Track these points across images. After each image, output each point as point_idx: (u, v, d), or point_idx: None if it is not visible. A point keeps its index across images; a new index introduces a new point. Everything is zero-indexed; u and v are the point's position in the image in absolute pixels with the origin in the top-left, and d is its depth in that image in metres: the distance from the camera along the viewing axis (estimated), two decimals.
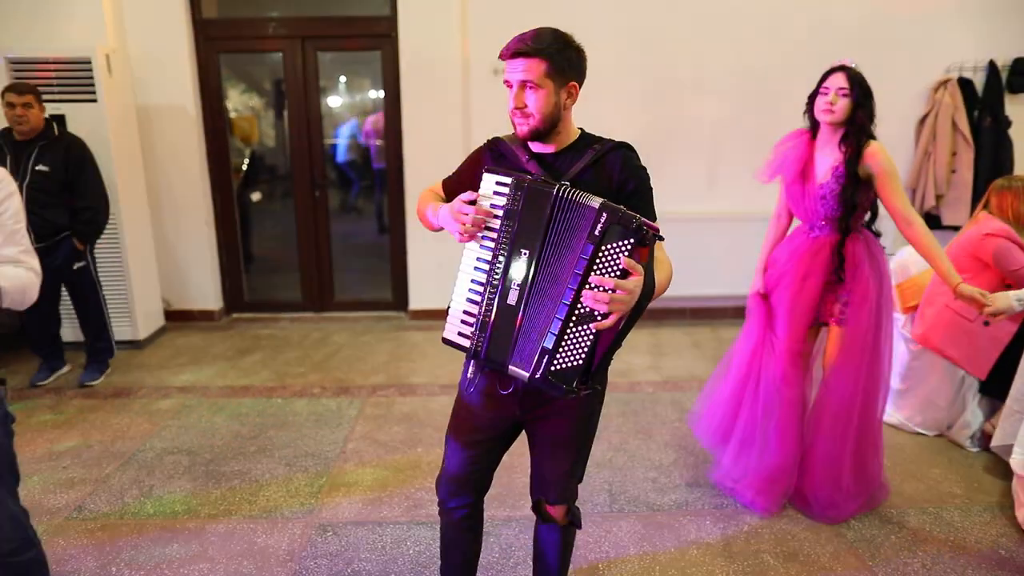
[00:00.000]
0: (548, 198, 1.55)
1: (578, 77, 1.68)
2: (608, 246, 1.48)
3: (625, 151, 1.69)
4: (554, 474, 1.83)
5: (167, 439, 3.43)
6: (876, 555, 2.53)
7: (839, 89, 2.53)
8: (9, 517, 1.77)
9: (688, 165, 5.08)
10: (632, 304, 1.50)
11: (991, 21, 4.83)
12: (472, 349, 1.64)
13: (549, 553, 1.98)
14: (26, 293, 1.74)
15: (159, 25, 4.77)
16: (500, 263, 1.60)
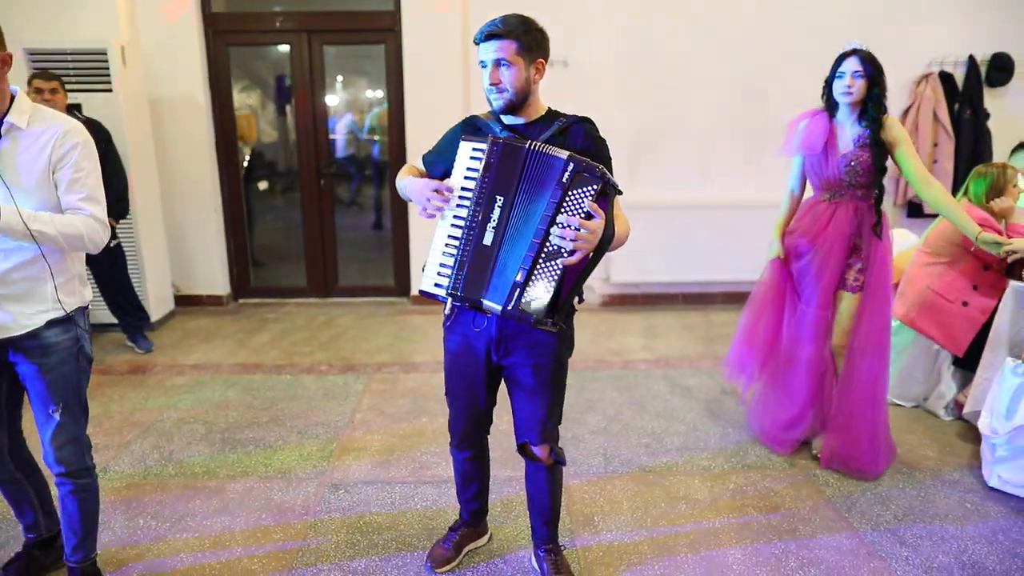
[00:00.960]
0: (521, 151, 1.78)
1: (543, 55, 1.89)
2: (574, 191, 1.72)
3: (587, 124, 1.92)
4: (533, 417, 2.04)
5: (183, 410, 3.61)
6: (852, 509, 2.72)
7: (854, 72, 2.76)
8: (77, 441, 2.06)
9: (681, 155, 5.26)
10: (595, 243, 1.73)
11: (970, 17, 5.03)
12: (449, 288, 1.85)
13: (541, 493, 2.17)
14: (84, 240, 1.89)
15: (170, 17, 4.94)
16: (479, 209, 1.81)
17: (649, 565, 2.39)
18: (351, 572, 2.35)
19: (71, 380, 2.01)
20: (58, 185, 1.89)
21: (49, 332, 1.95)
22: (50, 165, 1.86)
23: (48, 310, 1.95)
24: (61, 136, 1.87)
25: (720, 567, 2.38)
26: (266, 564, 2.40)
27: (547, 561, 2.24)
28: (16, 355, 1.96)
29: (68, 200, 1.90)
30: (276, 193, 6.16)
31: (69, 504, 2.10)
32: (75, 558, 2.16)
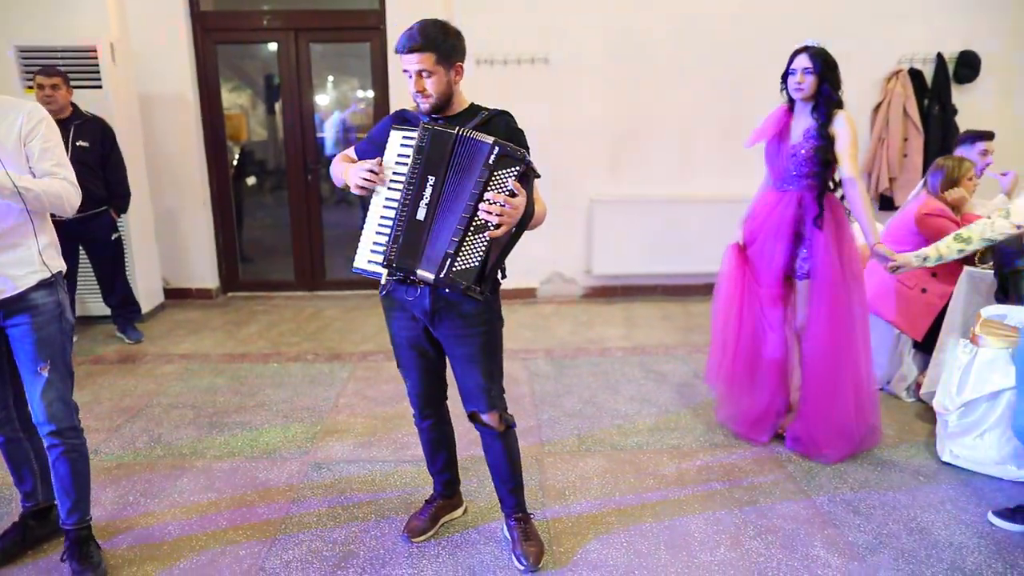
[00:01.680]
0: (451, 136, 1.95)
1: (461, 58, 2.06)
2: (499, 172, 1.89)
3: (507, 116, 2.09)
4: (475, 386, 2.18)
5: (172, 396, 3.72)
6: (811, 482, 2.86)
7: (804, 69, 2.87)
8: (65, 400, 2.20)
9: (661, 151, 5.40)
10: (517, 219, 1.91)
11: (939, 17, 5.19)
12: (384, 260, 2.00)
13: (500, 460, 2.30)
14: (63, 200, 2.12)
15: (159, 17, 5.05)
16: (412, 188, 1.97)
17: (615, 534, 2.52)
18: (331, 541, 2.47)
19: (56, 340, 2.18)
20: (30, 156, 2.11)
21: (36, 294, 2.13)
22: (21, 139, 2.09)
23: (36, 271, 2.13)
24: (28, 114, 2.11)
25: (682, 535, 2.51)
26: (250, 534, 2.52)
27: (517, 529, 2.36)
28: (7, 318, 2.12)
29: (42, 167, 2.11)
30: (266, 190, 6.28)
31: (61, 467, 2.23)
32: (70, 521, 2.28)
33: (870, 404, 3.08)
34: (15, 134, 2.08)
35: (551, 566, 2.33)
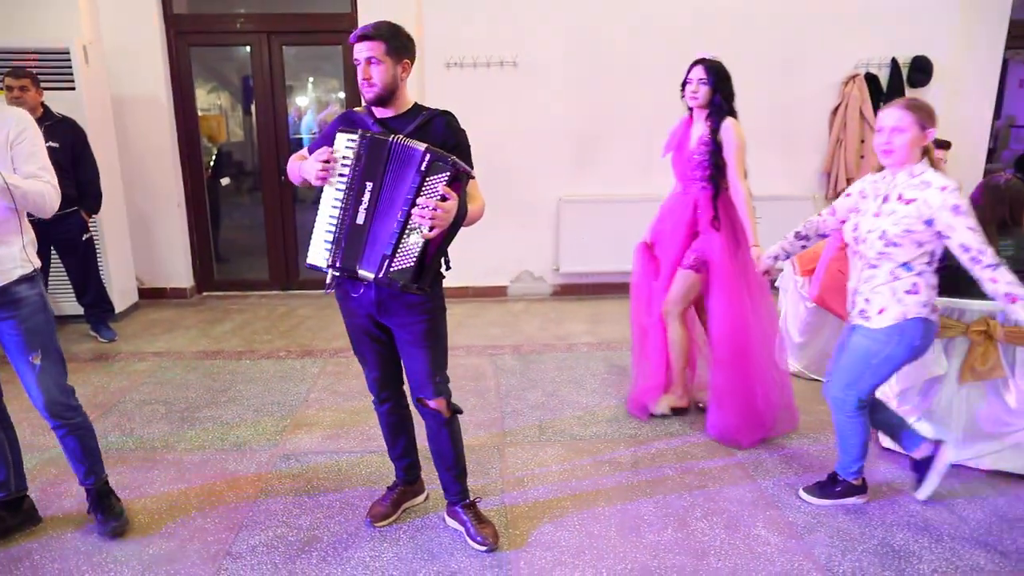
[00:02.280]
0: (386, 144, 2.06)
1: (409, 56, 2.18)
2: (431, 177, 2.01)
3: (448, 116, 2.20)
4: (422, 373, 2.31)
5: (145, 393, 3.79)
6: (759, 468, 3.00)
7: (699, 79, 3.11)
8: (61, 387, 2.38)
9: (625, 151, 5.54)
10: (449, 221, 2.03)
11: (893, 23, 5.38)
12: (329, 261, 2.13)
13: (445, 446, 2.42)
14: (46, 199, 2.25)
15: (132, 19, 5.11)
16: (352, 193, 2.09)
17: (569, 517, 2.64)
18: (296, 528, 2.57)
19: (44, 329, 2.34)
20: (15, 159, 2.23)
21: (20, 287, 2.28)
22: (8, 143, 2.22)
23: (19, 266, 2.27)
24: (16, 120, 2.26)
25: (633, 517, 2.64)
26: (218, 521, 2.61)
27: (468, 514, 2.48)
28: None
29: (27, 170, 2.24)
30: (242, 191, 6.33)
31: (70, 442, 2.45)
32: (89, 482, 2.53)
33: (780, 389, 3.28)
34: (2, 138, 2.21)
35: (506, 547, 2.45)
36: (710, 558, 2.40)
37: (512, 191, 5.40)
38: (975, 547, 2.45)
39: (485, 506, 2.68)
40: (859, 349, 2.52)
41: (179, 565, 2.36)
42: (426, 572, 2.33)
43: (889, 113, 2.39)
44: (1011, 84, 7.91)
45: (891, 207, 2.39)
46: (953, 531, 2.54)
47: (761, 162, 5.50)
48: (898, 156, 2.37)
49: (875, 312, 2.46)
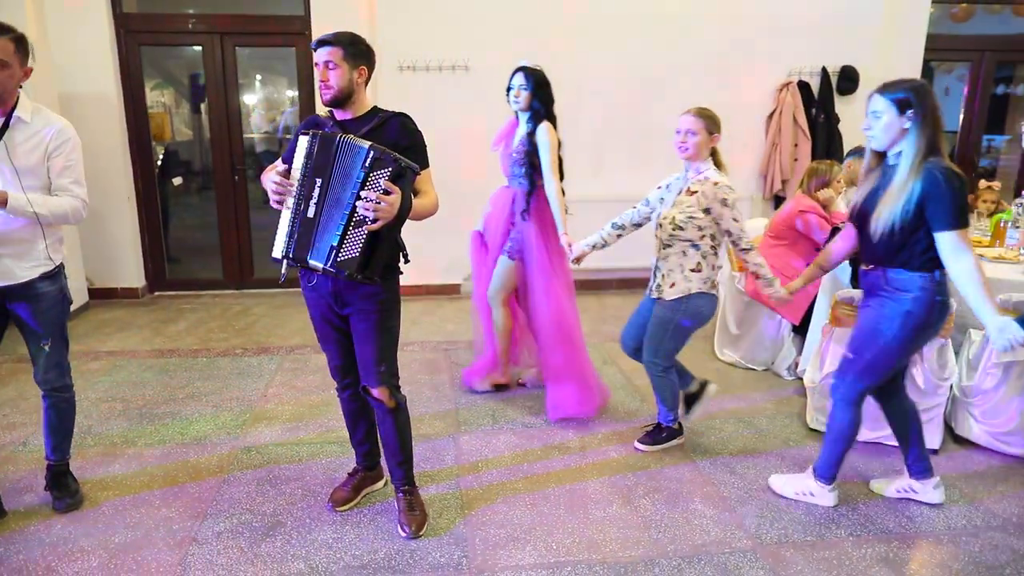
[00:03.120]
0: (333, 142, 2.20)
1: (367, 63, 2.33)
2: (375, 173, 2.14)
3: (403, 118, 2.35)
4: (369, 362, 2.43)
5: (100, 391, 3.81)
6: (697, 449, 3.23)
7: (520, 85, 3.40)
8: (60, 366, 2.64)
9: (575, 154, 5.70)
10: (393, 214, 2.15)
11: (823, 34, 5.73)
12: (283, 252, 2.27)
13: (390, 436, 2.54)
14: (69, 217, 2.44)
15: (80, 17, 5.08)
16: (303, 189, 2.23)
17: (521, 496, 2.81)
18: (260, 514, 2.68)
19: (57, 320, 2.59)
20: (51, 169, 2.40)
21: (42, 283, 2.49)
22: (46, 153, 2.39)
23: (40, 265, 2.47)
24: (57, 132, 2.41)
25: (581, 496, 2.83)
26: (182, 511, 2.69)
27: (403, 500, 2.61)
28: (12, 302, 2.48)
29: (60, 183, 2.42)
30: (192, 191, 6.31)
31: (52, 415, 2.66)
32: (54, 457, 2.72)
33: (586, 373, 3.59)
34: (42, 149, 2.37)
35: (463, 527, 2.61)
36: (651, 530, 2.60)
37: (464, 191, 5.54)
38: (886, 513, 2.71)
39: (441, 490, 2.84)
40: (657, 319, 3.02)
41: (146, 552, 2.45)
42: (387, 551, 2.47)
43: (685, 119, 2.87)
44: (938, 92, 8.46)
45: (681, 198, 2.89)
46: (868, 500, 2.80)
47: None
48: (691, 153, 2.86)
49: (668, 286, 2.96)
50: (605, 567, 2.39)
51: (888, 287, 2.45)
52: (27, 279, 2.44)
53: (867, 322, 2.52)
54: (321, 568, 2.37)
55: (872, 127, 2.40)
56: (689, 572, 2.37)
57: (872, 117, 2.39)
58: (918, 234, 2.33)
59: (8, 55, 2.27)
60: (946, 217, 2.26)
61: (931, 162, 2.29)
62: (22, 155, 2.34)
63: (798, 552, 2.48)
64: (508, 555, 2.45)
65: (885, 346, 2.46)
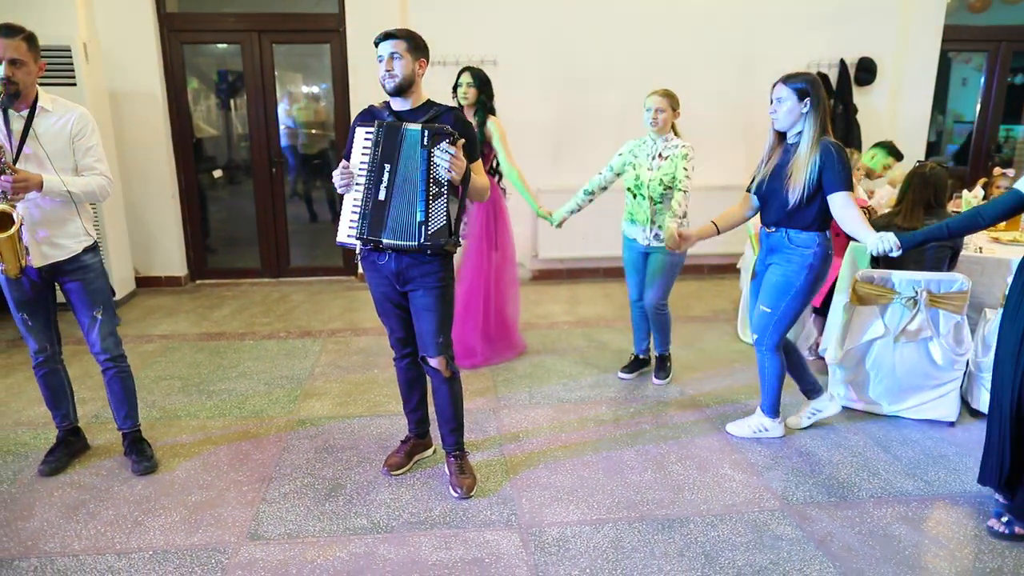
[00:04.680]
0: (398, 130, 2.44)
1: (425, 56, 2.54)
2: (436, 147, 2.38)
3: (455, 111, 2.56)
4: (428, 334, 2.64)
5: (158, 370, 4.05)
6: (725, 421, 3.41)
7: (467, 84, 3.84)
8: (115, 336, 2.90)
9: (597, 143, 5.92)
10: (463, 169, 2.40)
11: (841, 26, 5.87)
12: (357, 234, 2.49)
13: (444, 403, 2.76)
14: (97, 193, 2.69)
15: (127, 17, 5.32)
16: (373, 174, 2.45)
17: (561, 463, 3.02)
18: (321, 478, 2.90)
19: (105, 289, 2.83)
20: (76, 151, 2.66)
21: (85, 256, 2.75)
22: (71, 137, 2.64)
23: (83, 239, 2.74)
24: (79, 117, 2.66)
25: (616, 462, 3.03)
26: (249, 475, 2.92)
27: (454, 464, 2.83)
28: (63, 277, 2.73)
29: (85, 163, 2.68)
30: (221, 184, 6.53)
31: (115, 385, 2.92)
32: (126, 426, 3.00)
33: (512, 324, 4.25)
34: (66, 133, 2.61)
35: (508, 489, 2.82)
36: (685, 492, 2.80)
37: None
38: (905, 478, 2.89)
39: (486, 456, 3.05)
40: (662, 264, 3.64)
41: (221, 510, 2.67)
42: (441, 509, 2.68)
43: (655, 99, 3.50)
44: (955, 83, 8.52)
45: (658, 163, 3.53)
46: (888, 467, 2.98)
47: (720, 154, 5.97)
48: (660, 127, 3.51)
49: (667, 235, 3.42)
50: (644, 523, 2.59)
51: (791, 245, 2.94)
52: (75, 252, 2.70)
53: (778, 278, 2.99)
54: (383, 524, 2.59)
55: (777, 111, 2.86)
56: (722, 528, 2.56)
57: (777, 103, 2.85)
58: (815, 199, 2.83)
59: (23, 54, 2.50)
60: (837, 180, 2.78)
61: (824, 139, 2.81)
62: (49, 141, 2.59)
63: (823, 511, 2.67)
64: (553, 513, 2.66)
65: (796, 295, 2.97)
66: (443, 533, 2.53)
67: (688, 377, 3.97)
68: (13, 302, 2.75)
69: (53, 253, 2.67)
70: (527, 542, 2.48)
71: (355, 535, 2.52)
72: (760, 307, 3.07)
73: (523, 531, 2.54)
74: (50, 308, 2.84)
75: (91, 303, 2.78)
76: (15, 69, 2.48)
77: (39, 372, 2.90)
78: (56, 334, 2.91)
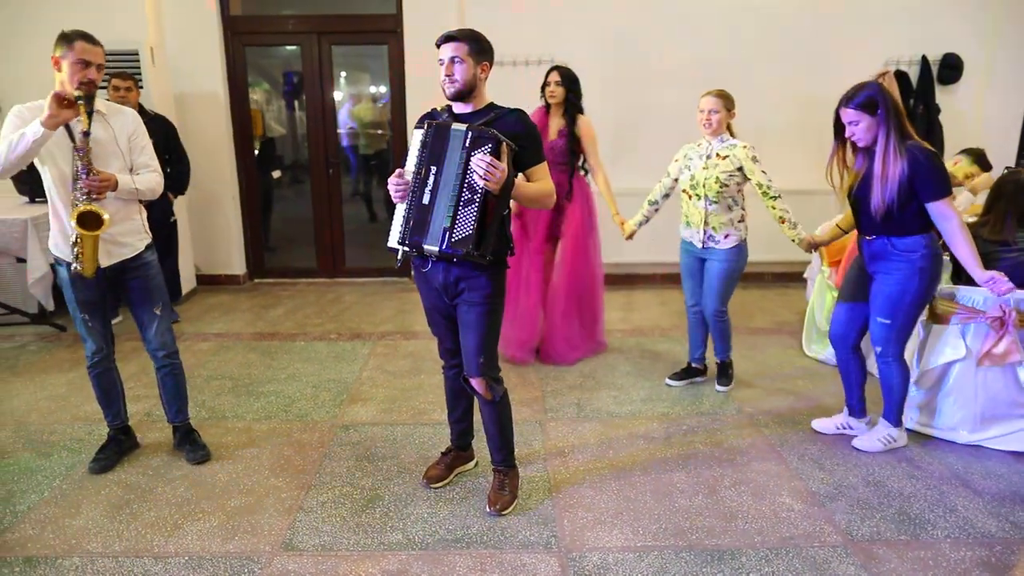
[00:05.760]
0: (446, 130, 2.33)
1: (488, 59, 2.43)
2: (476, 151, 2.25)
3: (519, 113, 2.43)
4: (470, 353, 2.54)
5: (211, 369, 4.11)
6: (784, 444, 3.20)
7: (555, 83, 3.89)
8: (172, 332, 3.01)
9: (657, 145, 5.68)
10: (501, 181, 2.24)
11: (923, 20, 5.49)
12: (399, 239, 2.39)
13: (488, 422, 2.67)
14: (155, 189, 2.82)
15: (193, 21, 5.44)
16: (419, 177, 2.35)
17: (607, 482, 2.88)
18: (360, 488, 2.85)
19: (162, 286, 2.96)
20: (132, 151, 2.78)
21: (146, 253, 2.88)
22: (128, 136, 2.76)
23: (144, 237, 2.87)
24: (133, 118, 2.82)
25: (666, 485, 2.87)
26: (288, 481, 2.90)
27: (495, 479, 2.73)
28: (125, 275, 2.82)
29: (141, 160, 2.81)
30: (285, 183, 6.63)
31: (169, 380, 3.02)
32: (179, 419, 3.11)
33: (597, 327, 4.31)
34: (125, 133, 2.74)
35: (551, 508, 2.70)
36: (738, 521, 2.62)
37: None
38: (988, 517, 2.63)
39: (529, 471, 2.94)
40: (719, 270, 3.54)
41: (258, 516, 2.65)
42: (478, 527, 2.58)
43: (709, 100, 3.43)
44: None
45: (714, 162, 3.44)
46: (968, 503, 2.72)
47: (787, 157, 5.68)
48: (715, 128, 3.44)
49: (723, 238, 3.50)
50: (692, 554, 2.43)
51: (896, 251, 2.84)
52: (138, 250, 2.82)
53: (891, 288, 2.88)
54: (418, 540, 2.51)
55: (855, 133, 2.79)
56: (777, 563, 2.38)
57: (852, 127, 2.79)
58: (909, 205, 2.74)
59: (103, 60, 2.65)
60: (930, 189, 2.70)
61: (910, 144, 2.72)
62: (107, 142, 2.67)
63: (891, 550, 2.45)
64: (596, 536, 2.52)
65: (912, 302, 2.87)
66: (479, 553, 2.44)
67: (747, 394, 3.76)
68: (77, 302, 2.80)
69: (119, 252, 2.77)
70: (566, 568, 2.36)
71: (389, 551, 2.45)
72: (877, 319, 2.96)
73: (563, 555, 2.42)
74: (108, 309, 2.92)
75: (152, 300, 2.89)
76: (99, 74, 2.62)
77: (93, 372, 2.95)
78: (111, 334, 2.96)
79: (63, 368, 4.13)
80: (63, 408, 3.60)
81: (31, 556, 2.42)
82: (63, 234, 2.70)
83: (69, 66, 2.56)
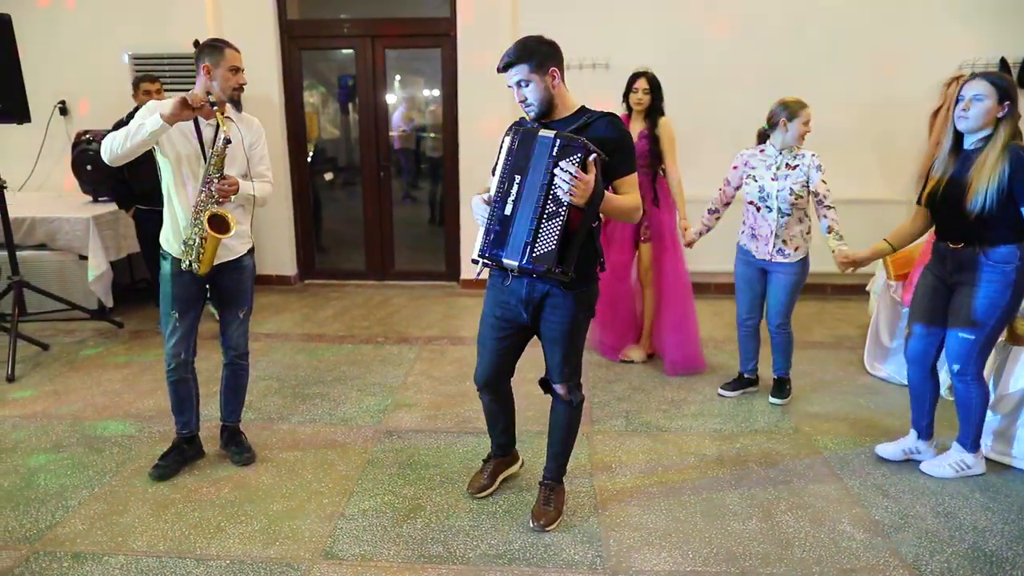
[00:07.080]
0: (532, 136, 2.18)
1: (555, 63, 2.25)
2: (564, 160, 2.10)
3: (611, 117, 2.29)
4: (554, 362, 2.46)
5: (259, 370, 4.14)
6: (844, 467, 3.03)
7: (644, 89, 3.92)
8: (248, 332, 3.07)
9: (718, 152, 5.52)
10: (587, 194, 2.08)
11: (1002, 21, 5.19)
12: (479, 252, 2.25)
13: (557, 425, 2.59)
14: (268, 198, 2.93)
15: (251, 25, 5.53)
16: (502, 186, 2.21)
17: (656, 501, 2.77)
18: (402, 497, 2.80)
19: (251, 290, 3.02)
20: (250, 160, 2.83)
21: (246, 257, 2.94)
22: (248, 144, 2.81)
23: (247, 242, 2.93)
24: (256, 127, 2.89)
25: (718, 507, 2.74)
26: (331, 487, 2.87)
27: (542, 492, 2.65)
28: (221, 276, 2.86)
29: (258, 170, 2.88)
30: (337, 185, 6.70)
31: (236, 380, 3.09)
32: (232, 418, 3.15)
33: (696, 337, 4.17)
34: (247, 142, 2.80)
35: (596, 526, 2.60)
36: (795, 549, 2.48)
37: None
38: None
39: (574, 486, 2.84)
40: (785, 282, 3.48)
41: (300, 521, 2.63)
42: (522, 543, 2.51)
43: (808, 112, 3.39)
44: None
45: (783, 172, 3.38)
46: None
47: (855, 164, 5.46)
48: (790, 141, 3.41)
49: (792, 250, 3.44)
50: None
51: (989, 262, 2.66)
52: (240, 254, 2.88)
53: (979, 301, 2.70)
54: (458, 553, 2.45)
55: (968, 110, 2.56)
56: None
57: (974, 100, 2.55)
58: (1009, 210, 2.56)
59: (242, 63, 2.75)
60: None
61: (1012, 144, 2.54)
62: (235, 147, 2.71)
63: None
64: (643, 559, 2.42)
65: (1001, 315, 2.70)
66: (521, 571, 2.36)
67: (804, 412, 3.59)
68: (172, 297, 2.79)
69: (224, 254, 2.81)
70: None
71: (429, 563, 2.39)
72: (959, 334, 2.78)
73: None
74: (200, 310, 2.93)
75: (240, 303, 2.95)
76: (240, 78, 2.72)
77: (171, 378, 2.92)
78: (195, 341, 2.94)
79: (119, 365, 4.22)
80: (117, 404, 3.67)
81: (79, 552, 2.45)
82: (176, 231, 2.73)
83: (222, 73, 2.65)
